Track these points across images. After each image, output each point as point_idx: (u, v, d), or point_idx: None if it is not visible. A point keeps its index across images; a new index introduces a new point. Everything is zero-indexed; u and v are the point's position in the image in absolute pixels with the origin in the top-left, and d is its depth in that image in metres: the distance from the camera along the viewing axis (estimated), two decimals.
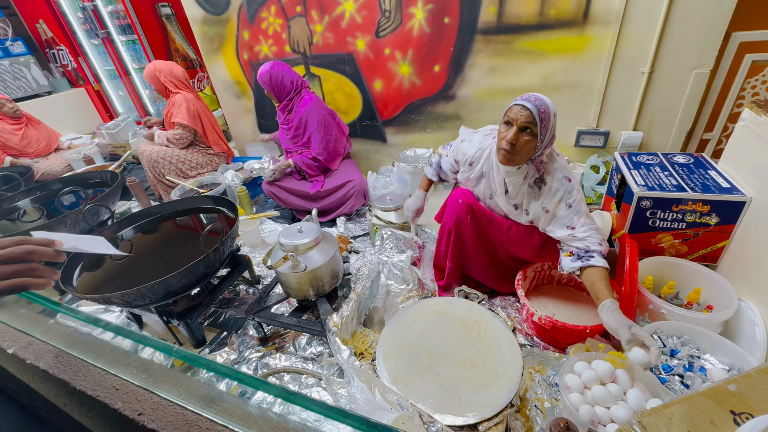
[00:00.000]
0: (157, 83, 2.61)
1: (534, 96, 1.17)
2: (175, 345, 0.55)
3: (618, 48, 1.82)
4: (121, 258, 1.58)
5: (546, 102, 1.17)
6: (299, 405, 0.48)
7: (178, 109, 2.57)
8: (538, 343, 1.42)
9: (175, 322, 1.47)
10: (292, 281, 1.43)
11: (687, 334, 1.20)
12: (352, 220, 2.34)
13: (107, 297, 1.27)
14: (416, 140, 2.59)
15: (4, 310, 0.77)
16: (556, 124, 1.22)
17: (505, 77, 2.13)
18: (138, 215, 1.81)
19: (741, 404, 0.66)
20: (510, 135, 1.18)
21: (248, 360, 1.46)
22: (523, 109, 1.16)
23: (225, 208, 1.82)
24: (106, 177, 2.37)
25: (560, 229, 1.30)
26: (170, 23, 3.88)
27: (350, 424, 0.39)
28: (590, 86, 1.96)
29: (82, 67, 4.34)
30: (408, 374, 1.12)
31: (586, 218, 1.27)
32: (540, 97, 1.18)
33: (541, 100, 1.17)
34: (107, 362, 0.60)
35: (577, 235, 1.26)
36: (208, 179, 2.62)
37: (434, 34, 2.16)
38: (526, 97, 1.18)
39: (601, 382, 1.05)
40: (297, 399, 0.48)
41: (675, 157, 1.58)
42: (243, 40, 2.76)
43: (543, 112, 1.15)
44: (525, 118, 1.16)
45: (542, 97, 1.18)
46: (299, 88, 2.24)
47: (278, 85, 2.19)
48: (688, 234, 1.39)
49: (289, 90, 2.22)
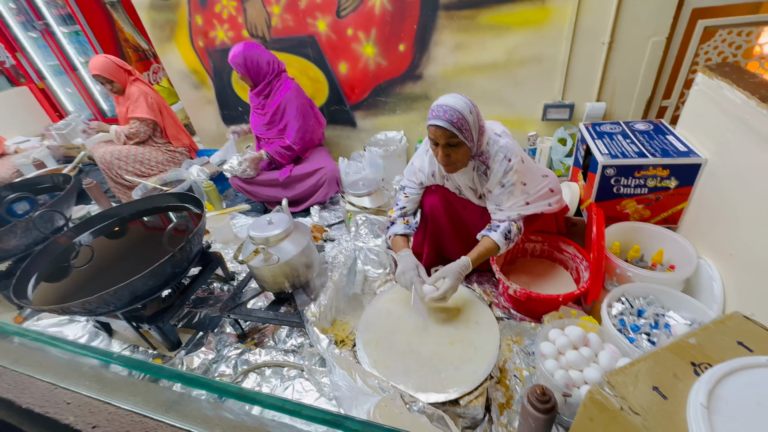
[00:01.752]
0: (119, 74, 2.38)
1: (443, 109, 1.13)
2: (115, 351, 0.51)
3: (578, 19, 1.83)
4: (83, 264, 1.49)
5: (456, 108, 1.13)
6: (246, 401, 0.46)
7: (135, 103, 2.41)
8: (515, 315, 1.46)
9: (145, 326, 1.41)
10: (266, 274, 1.39)
11: (652, 293, 1.26)
12: (326, 208, 2.30)
13: (66, 307, 1.20)
14: (386, 123, 2.55)
15: None
16: (478, 114, 1.20)
17: (471, 53, 2.11)
18: (96, 219, 1.70)
19: (700, 355, 0.69)
20: (440, 154, 1.21)
21: (227, 358, 1.43)
22: (438, 129, 1.15)
23: (190, 204, 1.74)
24: (58, 180, 2.22)
25: (490, 204, 1.34)
26: (116, 11, 3.61)
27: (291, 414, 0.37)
28: (554, 59, 1.97)
29: (22, 63, 3.99)
30: (388, 357, 1.12)
31: (517, 197, 1.28)
32: (449, 106, 1.13)
33: (451, 110, 1.12)
34: (56, 376, 0.56)
35: (503, 209, 1.30)
36: (172, 176, 2.49)
37: (397, 12, 2.10)
38: (436, 114, 1.14)
39: (574, 347, 1.09)
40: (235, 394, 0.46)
41: (636, 125, 1.62)
42: (196, 25, 2.60)
43: (457, 121, 1.12)
44: (445, 136, 1.16)
45: (452, 105, 1.13)
46: (277, 70, 2.13)
47: (254, 66, 2.06)
48: (650, 198, 1.44)
49: (266, 72, 2.10)
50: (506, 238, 1.28)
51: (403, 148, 2.40)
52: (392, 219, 1.48)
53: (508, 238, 1.28)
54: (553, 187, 1.39)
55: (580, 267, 1.47)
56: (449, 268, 1.23)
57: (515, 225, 1.30)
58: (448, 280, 1.19)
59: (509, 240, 1.29)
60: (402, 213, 1.48)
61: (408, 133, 2.50)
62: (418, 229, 1.59)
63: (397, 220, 1.47)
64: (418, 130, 2.49)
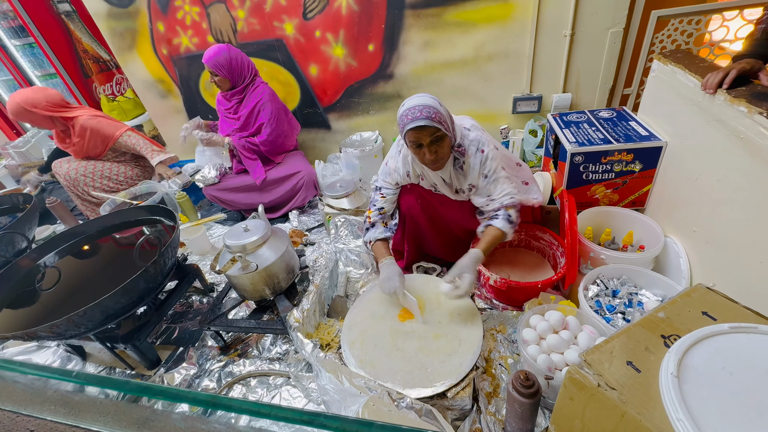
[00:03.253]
0: (36, 119, 2.07)
1: (417, 109, 1.13)
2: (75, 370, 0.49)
3: (540, 13, 1.88)
4: (50, 287, 1.42)
5: (428, 104, 1.14)
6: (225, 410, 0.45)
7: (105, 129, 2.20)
8: (497, 305, 1.48)
9: (121, 346, 1.35)
10: (245, 283, 1.36)
11: (625, 274, 1.31)
12: (305, 212, 2.28)
13: (33, 332, 1.13)
14: (361, 124, 2.54)
15: None
16: (444, 106, 1.20)
17: (440, 51, 2.13)
18: (60, 238, 1.62)
19: (669, 328, 0.72)
20: (427, 154, 1.18)
21: (210, 372, 1.39)
22: (421, 129, 1.14)
23: (162, 217, 1.68)
24: (18, 201, 2.10)
25: (479, 198, 1.34)
26: (72, 21, 3.46)
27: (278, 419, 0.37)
28: (520, 53, 2.02)
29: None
30: (374, 356, 1.12)
31: (504, 183, 1.29)
32: (422, 105, 1.14)
33: (425, 107, 1.13)
34: (18, 404, 0.53)
35: (494, 199, 1.30)
36: (142, 189, 2.40)
37: (363, 12, 2.10)
38: (413, 117, 1.12)
39: (554, 331, 1.12)
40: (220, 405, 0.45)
41: (600, 113, 1.68)
42: (158, 33, 2.52)
43: (435, 115, 1.13)
44: (429, 134, 1.15)
45: (423, 103, 1.14)
46: (254, 73, 2.10)
47: (238, 68, 2.01)
48: (618, 183, 1.49)
49: (246, 74, 2.06)
50: (510, 223, 1.27)
51: (378, 147, 2.40)
52: (371, 221, 1.45)
53: (512, 222, 1.28)
54: (527, 178, 1.42)
55: (556, 253, 1.51)
56: (464, 264, 1.20)
57: (513, 210, 1.29)
58: (468, 275, 1.16)
59: (513, 224, 1.28)
60: (380, 214, 1.45)
61: (383, 132, 2.50)
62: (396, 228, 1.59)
63: (377, 223, 1.44)
64: (392, 129, 2.49)
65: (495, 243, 1.28)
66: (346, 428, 0.35)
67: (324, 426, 0.35)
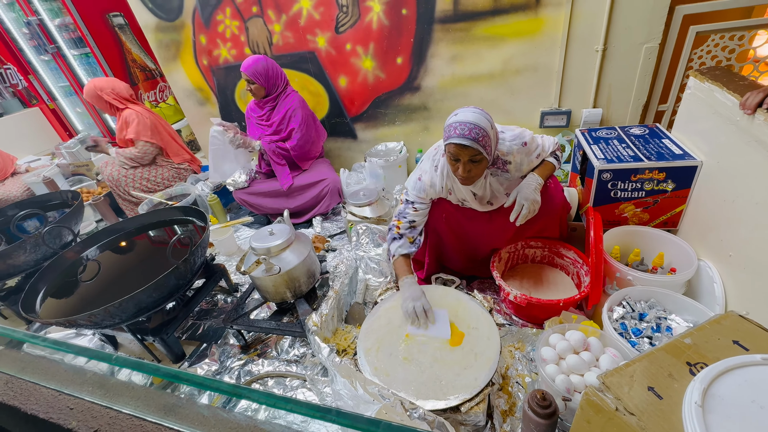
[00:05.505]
0: (101, 102, 2.46)
1: (467, 126, 1.11)
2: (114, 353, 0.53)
3: (571, 28, 1.86)
4: (89, 279, 1.53)
5: (480, 125, 1.12)
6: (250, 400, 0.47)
7: (131, 126, 2.45)
8: (516, 321, 1.45)
9: (150, 338, 1.43)
10: (268, 285, 1.41)
11: (653, 297, 1.25)
12: (328, 219, 2.33)
13: (73, 320, 1.22)
14: (386, 134, 2.59)
15: None
16: (494, 128, 1.20)
17: (467, 64, 2.15)
18: (102, 233, 1.74)
19: (696, 355, 0.69)
20: (461, 170, 1.19)
21: (230, 369, 1.44)
22: (463, 148, 1.14)
23: (194, 218, 1.77)
24: (67, 197, 2.27)
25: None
26: (124, 33, 3.74)
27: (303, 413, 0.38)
28: (549, 67, 2.01)
29: (34, 85, 4.13)
30: (389, 364, 1.13)
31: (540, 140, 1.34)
32: (473, 123, 1.11)
33: (475, 127, 1.11)
34: (61, 383, 0.58)
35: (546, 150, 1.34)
36: (177, 190, 2.55)
37: (393, 26, 2.16)
38: (460, 133, 1.11)
39: (574, 351, 1.09)
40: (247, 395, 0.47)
41: (631, 129, 1.64)
42: (200, 45, 2.68)
43: (482, 138, 1.12)
44: (469, 154, 1.15)
45: (474, 122, 1.11)
46: (286, 82, 2.21)
47: (273, 77, 2.13)
48: (648, 202, 1.44)
49: (280, 83, 2.17)
50: (557, 159, 1.35)
51: (403, 158, 2.43)
52: (399, 232, 1.43)
53: (558, 158, 1.36)
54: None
55: (580, 272, 1.47)
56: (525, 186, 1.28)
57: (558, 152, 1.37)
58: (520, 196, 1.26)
59: (559, 160, 1.36)
60: (411, 227, 1.43)
61: (408, 143, 2.53)
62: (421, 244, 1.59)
63: (404, 236, 1.42)
64: (417, 140, 2.52)
65: (549, 172, 1.34)
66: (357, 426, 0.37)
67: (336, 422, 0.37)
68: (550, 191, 1.41)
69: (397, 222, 1.44)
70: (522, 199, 1.26)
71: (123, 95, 2.48)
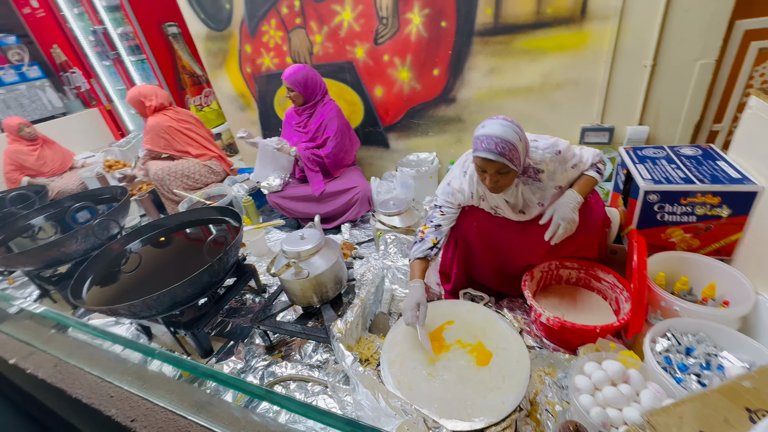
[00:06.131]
0: (141, 107, 2.67)
1: (493, 140, 1.10)
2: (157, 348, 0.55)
3: (618, 43, 1.79)
4: (131, 270, 1.62)
5: (507, 138, 1.10)
6: (281, 406, 0.47)
7: (144, 135, 2.71)
8: (547, 344, 1.39)
9: (182, 332, 1.48)
10: (296, 288, 1.43)
11: (703, 331, 1.16)
12: (356, 226, 2.34)
13: (114, 308, 1.29)
14: (419, 144, 2.59)
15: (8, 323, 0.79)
16: (524, 138, 1.19)
17: (505, 77, 2.12)
18: (145, 228, 1.84)
19: (757, 401, 0.62)
20: (488, 180, 1.20)
21: (255, 369, 1.46)
22: (489, 161, 1.14)
23: (229, 218, 1.84)
24: (116, 192, 2.43)
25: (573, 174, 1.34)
26: (177, 42, 3.99)
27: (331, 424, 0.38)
28: (592, 82, 1.94)
29: (95, 88, 4.49)
30: (413, 379, 1.10)
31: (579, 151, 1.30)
32: (499, 137, 1.10)
33: (502, 141, 1.10)
34: (103, 370, 0.61)
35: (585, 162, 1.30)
36: (215, 191, 2.66)
37: (432, 39, 2.17)
38: (486, 147, 1.11)
39: (612, 383, 1.02)
40: (286, 404, 0.47)
41: (682, 149, 1.54)
42: (245, 53, 2.81)
43: (508, 152, 1.11)
44: (495, 167, 1.15)
45: (501, 135, 1.10)
46: (325, 91, 2.28)
47: (312, 86, 2.20)
48: (700, 227, 1.35)
49: (318, 92, 2.24)
50: (599, 173, 1.31)
51: (434, 169, 2.41)
52: (424, 235, 1.42)
53: (601, 173, 1.31)
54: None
55: (620, 297, 1.38)
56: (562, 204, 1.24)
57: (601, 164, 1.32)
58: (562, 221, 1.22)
59: (601, 174, 1.31)
60: (436, 230, 1.41)
61: (440, 154, 2.52)
62: (447, 246, 1.57)
63: (428, 238, 1.41)
64: (450, 151, 2.50)
65: (589, 188, 1.30)
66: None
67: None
68: (591, 207, 1.35)
69: (423, 227, 1.44)
70: (559, 218, 1.23)
71: (161, 103, 2.69)
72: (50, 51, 4.46)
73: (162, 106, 2.70)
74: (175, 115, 2.73)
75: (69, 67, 4.48)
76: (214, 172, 2.85)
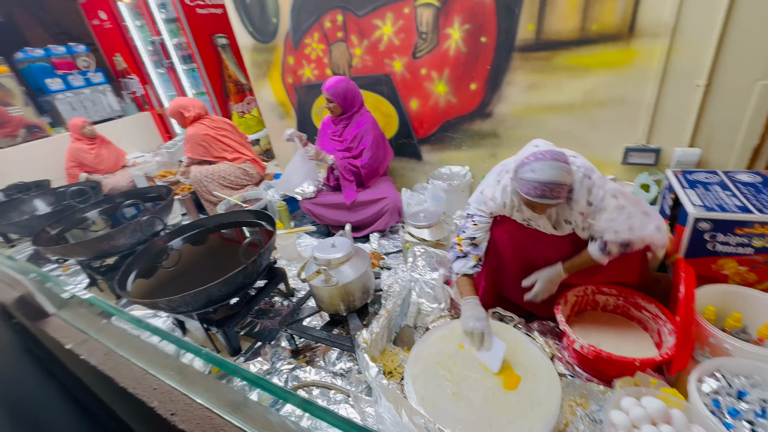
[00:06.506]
0: (181, 118, 2.88)
1: (548, 187, 1.08)
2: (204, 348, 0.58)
3: (669, 61, 1.72)
4: (170, 266, 1.71)
5: (560, 181, 1.09)
6: (321, 419, 0.48)
7: (184, 144, 2.90)
8: (580, 373, 1.32)
9: (214, 329, 1.54)
10: (324, 295, 1.45)
11: (758, 374, 1.06)
12: (385, 236, 2.35)
13: (155, 302, 1.36)
14: (451, 158, 2.58)
15: (66, 310, 0.85)
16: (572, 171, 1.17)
17: (545, 93, 2.08)
18: (187, 227, 1.94)
19: None
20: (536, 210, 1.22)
21: (279, 371, 1.49)
22: (543, 206, 1.17)
23: (264, 222, 1.90)
24: (162, 192, 2.58)
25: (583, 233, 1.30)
26: (225, 52, 4.23)
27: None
28: (638, 101, 1.86)
29: (149, 93, 4.83)
30: (437, 396, 1.08)
31: (613, 213, 1.18)
32: (552, 182, 1.08)
33: (556, 187, 1.09)
34: (148, 362, 0.64)
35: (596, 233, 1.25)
36: (252, 194, 2.77)
37: (471, 53, 2.17)
38: (541, 194, 1.10)
39: (652, 422, 0.96)
40: (319, 413, 0.48)
41: (738, 175, 1.44)
42: (288, 65, 2.94)
43: (561, 192, 1.12)
44: (546, 207, 1.18)
45: (555, 180, 1.08)
46: (362, 103, 2.35)
47: (351, 98, 2.27)
48: (757, 261, 1.24)
49: (356, 103, 2.31)
50: (604, 252, 1.24)
51: (467, 183, 2.39)
52: (463, 250, 1.40)
53: (607, 252, 1.24)
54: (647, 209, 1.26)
55: (662, 330, 1.30)
56: (543, 274, 1.34)
57: (615, 245, 1.21)
58: (540, 283, 1.32)
59: (607, 254, 1.24)
60: (472, 244, 1.40)
61: (473, 168, 2.49)
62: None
63: (469, 254, 1.39)
64: (483, 166, 2.47)
65: (582, 266, 1.32)
66: None
67: None
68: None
69: (458, 239, 1.43)
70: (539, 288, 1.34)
71: (198, 113, 2.87)
72: (112, 59, 4.86)
73: (199, 116, 2.88)
74: (212, 124, 2.90)
75: (128, 74, 4.86)
76: (248, 175, 2.98)
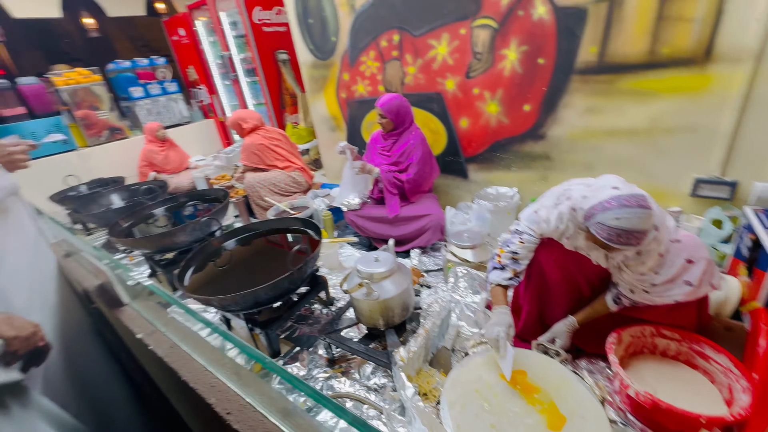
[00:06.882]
0: (240, 129, 3.11)
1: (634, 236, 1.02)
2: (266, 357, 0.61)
3: (753, 88, 1.58)
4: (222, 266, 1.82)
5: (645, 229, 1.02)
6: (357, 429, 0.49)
7: (241, 153, 3.12)
8: (633, 422, 1.21)
9: (257, 330, 1.61)
10: (364, 308, 1.47)
11: None
12: (426, 253, 2.34)
13: (209, 299, 1.46)
14: (499, 178, 2.52)
15: (139, 300, 0.94)
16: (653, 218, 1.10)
17: (605, 118, 1.98)
18: (240, 229, 2.06)
19: None
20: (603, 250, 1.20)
21: (315, 379, 1.52)
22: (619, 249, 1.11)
23: (311, 230, 1.97)
24: (220, 194, 2.77)
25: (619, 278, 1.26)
26: (285, 66, 4.50)
27: None
28: (712, 130, 1.72)
29: (214, 102, 5.25)
30: (474, 426, 1.05)
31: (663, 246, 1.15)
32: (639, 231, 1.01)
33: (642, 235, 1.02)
34: (207, 360, 0.69)
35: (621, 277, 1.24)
36: (299, 202, 2.89)
37: (527, 74, 2.14)
38: (625, 242, 1.03)
39: None
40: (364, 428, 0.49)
41: None
42: (343, 81, 3.07)
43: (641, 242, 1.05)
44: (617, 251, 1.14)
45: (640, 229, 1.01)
46: (412, 119, 2.41)
47: (403, 114, 2.34)
48: None
49: (407, 120, 2.38)
50: (617, 303, 1.28)
51: (514, 205, 2.32)
52: (502, 263, 1.35)
53: (620, 303, 1.28)
54: (691, 256, 1.15)
55: (734, 386, 1.16)
56: (557, 329, 1.37)
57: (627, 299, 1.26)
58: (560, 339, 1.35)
59: (620, 305, 1.28)
60: (512, 258, 1.34)
61: (522, 190, 2.42)
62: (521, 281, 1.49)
63: (507, 267, 1.34)
64: (533, 188, 2.39)
65: (593, 315, 1.34)
66: None
67: None
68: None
69: (500, 250, 1.37)
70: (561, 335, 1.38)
71: (255, 124, 3.10)
72: (186, 70, 5.36)
73: (255, 127, 3.11)
74: (266, 134, 3.10)
75: (198, 84, 5.32)
76: (297, 182, 3.12)
